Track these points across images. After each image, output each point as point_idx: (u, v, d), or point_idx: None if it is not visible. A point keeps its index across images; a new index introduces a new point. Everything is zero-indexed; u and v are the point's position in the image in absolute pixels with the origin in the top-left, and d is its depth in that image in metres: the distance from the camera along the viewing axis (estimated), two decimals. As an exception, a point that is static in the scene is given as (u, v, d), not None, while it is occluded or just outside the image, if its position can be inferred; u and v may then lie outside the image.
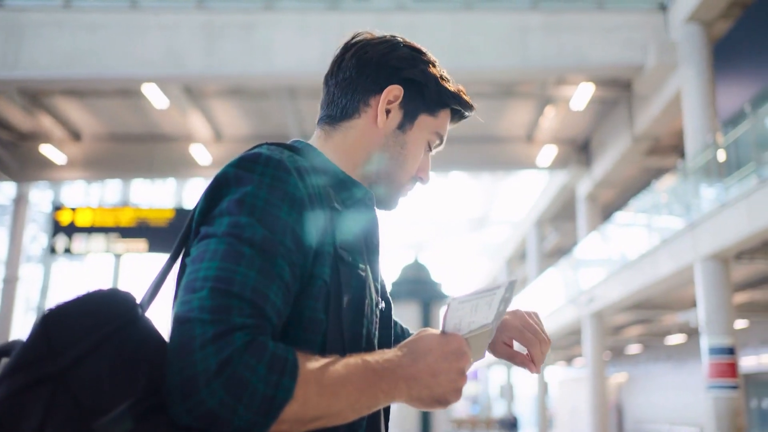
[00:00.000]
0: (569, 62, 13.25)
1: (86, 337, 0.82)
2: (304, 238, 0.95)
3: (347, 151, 1.14)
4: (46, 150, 17.27)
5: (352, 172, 1.13)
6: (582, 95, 15.13)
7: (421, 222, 31.17)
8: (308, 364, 0.86)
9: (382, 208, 1.18)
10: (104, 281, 26.31)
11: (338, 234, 1.01)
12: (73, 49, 12.99)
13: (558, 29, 13.21)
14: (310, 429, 0.88)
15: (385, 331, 1.14)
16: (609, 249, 17.37)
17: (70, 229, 16.37)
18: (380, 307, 1.12)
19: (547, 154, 18.21)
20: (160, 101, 14.91)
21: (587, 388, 17.50)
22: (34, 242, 25.15)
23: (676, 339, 22.02)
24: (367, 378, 0.90)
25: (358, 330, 1.01)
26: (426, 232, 32.91)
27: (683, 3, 12.36)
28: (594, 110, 16.60)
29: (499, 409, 38.79)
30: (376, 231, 1.12)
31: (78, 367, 0.81)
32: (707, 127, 11.89)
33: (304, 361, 0.86)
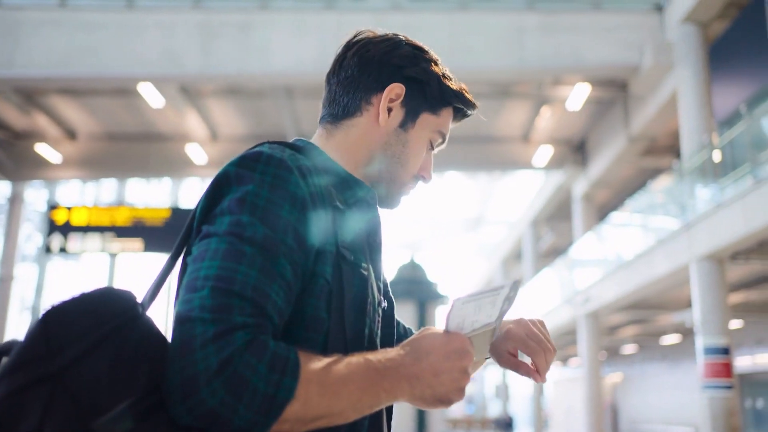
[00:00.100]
0: (566, 62, 13.26)
1: (85, 336, 0.82)
2: (306, 237, 0.95)
3: (349, 150, 1.14)
4: (42, 149, 17.23)
5: (354, 171, 1.13)
6: (578, 95, 15.15)
7: (417, 222, 31.17)
8: (310, 364, 0.86)
9: (384, 207, 1.18)
10: (99, 281, 26.26)
11: (340, 233, 1.01)
12: (69, 48, 12.96)
13: (554, 29, 13.23)
14: (312, 428, 0.88)
15: (387, 330, 1.14)
16: (605, 249, 17.39)
17: (66, 229, 16.32)
18: (383, 306, 1.12)
19: (543, 154, 18.23)
20: (156, 100, 14.88)
21: (582, 388, 17.52)
22: (29, 241, 25.07)
23: (671, 339, 22.06)
24: (369, 377, 0.89)
25: (360, 329, 1.01)
26: (422, 231, 32.92)
27: (679, 4, 12.38)
28: (590, 110, 16.63)
29: (494, 408, 38.84)
30: (379, 230, 1.11)
31: (77, 367, 0.80)
32: (703, 128, 11.91)
33: (306, 361, 0.86)
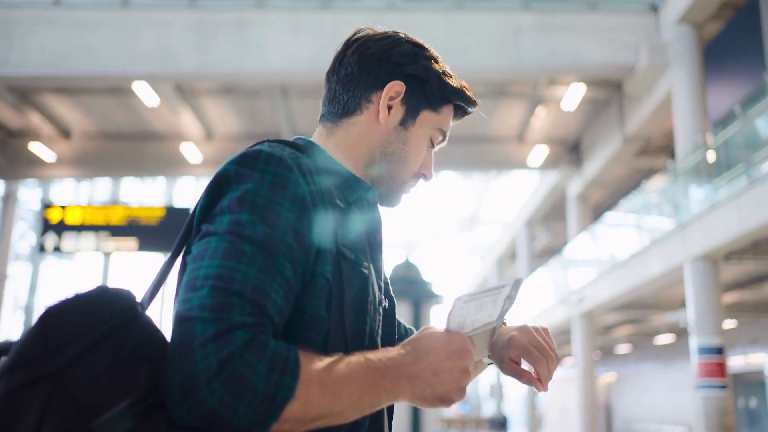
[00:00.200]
0: (561, 62, 13.28)
1: (84, 336, 0.81)
2: (306, 236, 0.94)
3: (349, 148, 1.13)
4: (36, 148, 17.17)
5: (355, 169, 1.12)
6: (573, 95, 15.17)
7: (412, 221, 31.20)
8: (310, 363, 0.86)
9: (384, 205, 1.17)
10: (93, 280, 26.20)
11: (341, 231, 1.00)
12: (64, 47, 12.91)
13: (550, 30, 13.25)
14: (312, 428, 0.87)
15: (388, 329, 1.14)
16: (599, 249, 17.43)
17: (60, 227, 16.28)
18: (383, 305, 1.11)
19: (538, 154, 18.25)
20: (151, 99, 14.84)
21: (577, 387, 17.55)
22: (22, 240, 25.00)
23: (665, 339, 22.12)
24: (369, 376, 0.89)
25: (360, 328, 1.00)
26: (417, 231, 32.95)
27: (674, 4, 12.41)
28: (585, 111, 16.65)
29: (488, 408, 38.86)
30: (379, 228, 1.11)
31: (76, 366, 0.80)
32: (697, 128, 11.95)
33: (306, 360, 0.85)
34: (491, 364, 1.24)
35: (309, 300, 0.95)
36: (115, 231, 16.31)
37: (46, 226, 16.34)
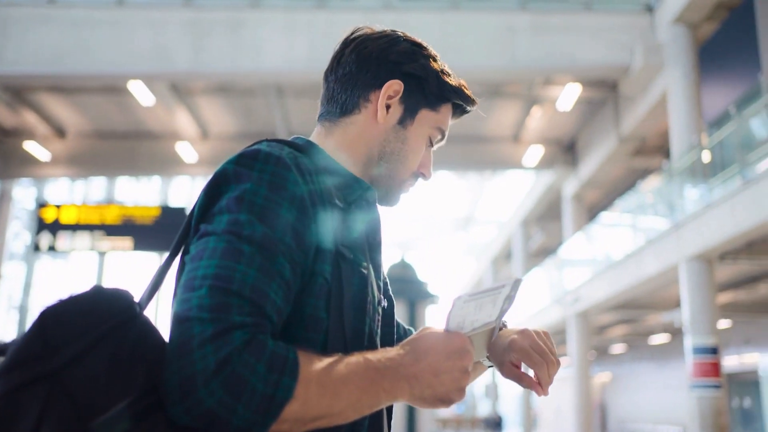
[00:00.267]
0: (557, 63, 13.30)
1: (83, 336, 0.81)
2: (305, 236, 0.94)
3: (348, 148, 1.13)
4: (30, 147, 17.12)
5: (354, 169, 1.12)
6: (569, 96, 15.19)
7: (408, 221, 31.20)
8: (309, 363, 0.85)
9: (383, 205, 1.17)
10: (88, 279, 26.14)
11: (339, 231, 1.00)
12: (58, 46, 12.88)
13: (546, 30, 13.26)
14: (312, 428, 0.87)
15: (387, 329, 1.13)
16: (594, 249, 17.45)
17: (55, 227, 16.23)
18: (382, 305, 1.11)
19: (534, 154, 18.27)
20: (146, 98, 14.82)
21: (572, 387, 17.57)
22: (17, 239, 24.93)
23: (660, 339, 22.16)
24: (368, 377, 0.89)
25: (359, 328, 1.00)
26: (412, 231, 32.94)
27: (670, 5, 12.44)
28: (580, 111, 16.67)
29: (483, 408, 38.89)
30: (379, 228, 1.10)
31: (74, 366, 0.79)
32: (692, 129, 11.97)
33: (305, 360, 0.85)
34: (491, 366, 1.23)
35: (308, 300, 0.95)
36: (110, 230, 16.27)
37: (41, 226, 16.30)
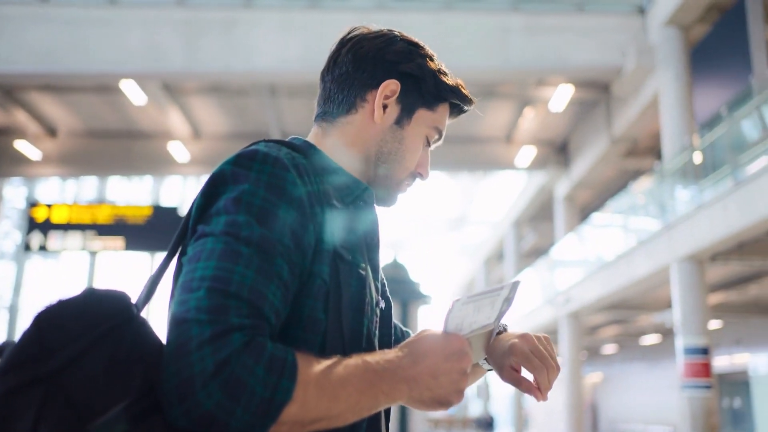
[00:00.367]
0: (549, 64, 13.33)
1: (80, 338, 0.80)
2: (303, 237, 0.93)
3: (345, 148, 1.12)
4: (21, 146, 17.03)
5: (351, 169, 1.11)
6: (561, 97, 15.23)
7: (400, 221, 31.19)
8: (308, 365, 0.85)
9: (381, 205, 1.16)
10: (80, 279, 26.04)
11: (338, 232, 1.00)
12: (50, 44, 12.82)
13: (538, 31, 13.29)
14: (310, 431, 0.86)
15: (385, 331, 1.13)
16: (586, 250, 17.49)
17: (46, 226, 16.15)
18: (380, 306, 1.10)
19: (526, 155, 18.31)
20: (139, 98, 14.77)
21: (563, 387, 17.60)
22: (7, 239, 24.82)
23: (651, 339, 22.24)
24: (367, 379, 0.88)
25: (358, 329, 1.00)
26: (405, 231, 32.94)
27: (662, 7, 12.49)
28: (573, 112, 16.71)
29: (475, 408, 38.92)
30: (377, 229, 1.10)
31: (71, 368, 0.79)
32: (684, 130, 12.02)
33: (304, 362, 0.85)
34: (491, 370, 1.23)
35: (306, 301, 0.95)
36: (102, 230, 16.20)
37: (32, 225, 16.21)
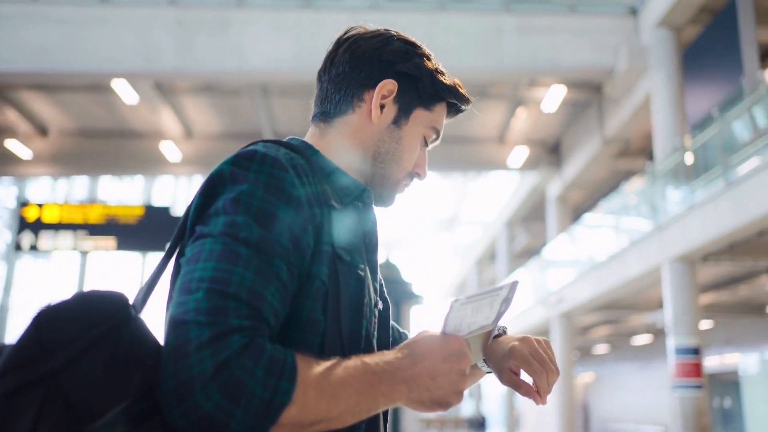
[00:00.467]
0: (542, 64, 13.36)
1: (78, 339, 0.80)
2: (302, 237, 0.93)
3: (342, 148, 1.12)
4: (12, 145, 16.95)
5: (349, 169, 1.11)
6: (553, 97, 15.27)
7: (392, 221, 31.22)
8: (307, 367, 0.85)
9: (379, 205, 1.16)
10: (71, 279, 25.93)
11: (336, 233, 0.99)
12: (42, 43, 12.75)
13: (531, 32, 13.31)
14: None
15: (383, 332, 1.12)
16: (578, 250, 17.54)
17: (37, 226, 16.06)
18: (379, 307, 1.10)
19: (518, 156, 18.34)
20: (130, 97, 14.71)
21: (555, 387, 17.52)
22: (-3, 239, 24.67)
23: (642, 339, 22.31)
24: (366, 380, 0.88)
25: (356, 330, 1.00)
26: (397, 231, 32.96)
27: (654, 8, 12.53)
28: (565, 112, 16.76)
29: (467, 408, 38.98)
30: (375, 229, 1.10)
31: (70, 369, 0.78)
32: (676, 131, 12.07)
33: (303, 364, 0.84)
34: (490, 372, 1.23)
35: (305, 302, 0.94)
36: (93, 230, 16.12)
37: (23, 225, 16.12)
